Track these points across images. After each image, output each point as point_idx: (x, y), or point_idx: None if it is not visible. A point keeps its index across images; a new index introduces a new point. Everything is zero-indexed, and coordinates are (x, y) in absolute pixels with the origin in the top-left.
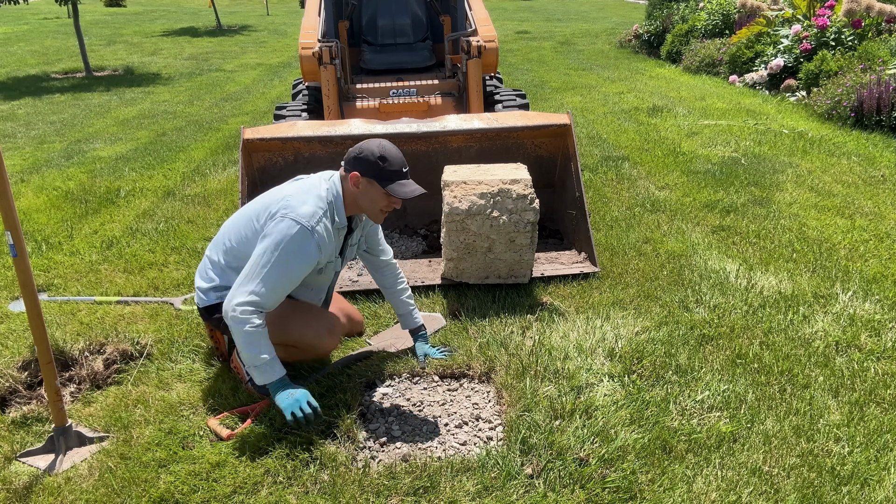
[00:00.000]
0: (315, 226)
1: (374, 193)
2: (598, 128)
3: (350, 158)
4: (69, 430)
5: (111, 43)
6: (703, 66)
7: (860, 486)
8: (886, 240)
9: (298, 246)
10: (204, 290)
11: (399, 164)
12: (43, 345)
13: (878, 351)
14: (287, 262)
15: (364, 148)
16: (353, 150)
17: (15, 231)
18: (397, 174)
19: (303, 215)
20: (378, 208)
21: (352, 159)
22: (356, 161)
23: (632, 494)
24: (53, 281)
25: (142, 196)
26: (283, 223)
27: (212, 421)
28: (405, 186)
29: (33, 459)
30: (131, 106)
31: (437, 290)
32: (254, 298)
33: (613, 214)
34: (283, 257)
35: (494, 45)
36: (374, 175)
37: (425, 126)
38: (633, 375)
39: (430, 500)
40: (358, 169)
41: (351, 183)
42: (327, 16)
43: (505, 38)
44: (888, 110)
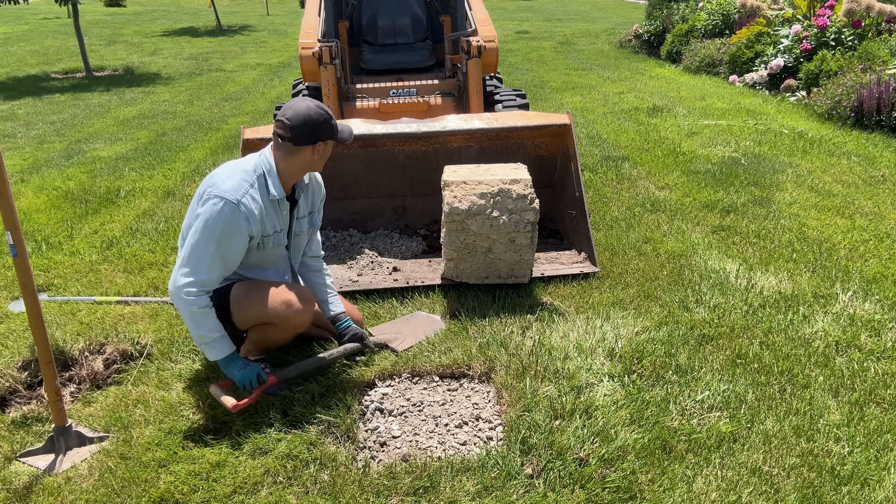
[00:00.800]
0: (240, 199)
1: (328, 149)
2: (598, 128)
3: (304, 132)
4: (69, 430)
5: (111, 43)
6: (703, 66)
7: (860, 486)
8: (886, 240)
9: (226, 221)
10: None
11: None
12: (43, 345)
13: (878, 351)
14: (218, 239)
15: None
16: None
17: (15, 231)
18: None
19: (226, 191)
20: (324, 161)
21: (308, 132)
22: (315, 131)
23: (632, 494)
24: (53, 281)
25: (142, 196)
26: (209, 203)
27: (214, 388)
28: (344, 129)
29: (33, 459)
30: (131, 106)
31: (437, 290)
32: (193, 279)
33: (613, 214)
34: (213, 235)
35: (494, 45)
36: (330, 134)
37: (425, 126)
38: (633, 375)
39: (430, 500)
40: (321, 138)
41: (314, 154)
42: (327, 16)
43: (505, 38)
44: (888, 110)
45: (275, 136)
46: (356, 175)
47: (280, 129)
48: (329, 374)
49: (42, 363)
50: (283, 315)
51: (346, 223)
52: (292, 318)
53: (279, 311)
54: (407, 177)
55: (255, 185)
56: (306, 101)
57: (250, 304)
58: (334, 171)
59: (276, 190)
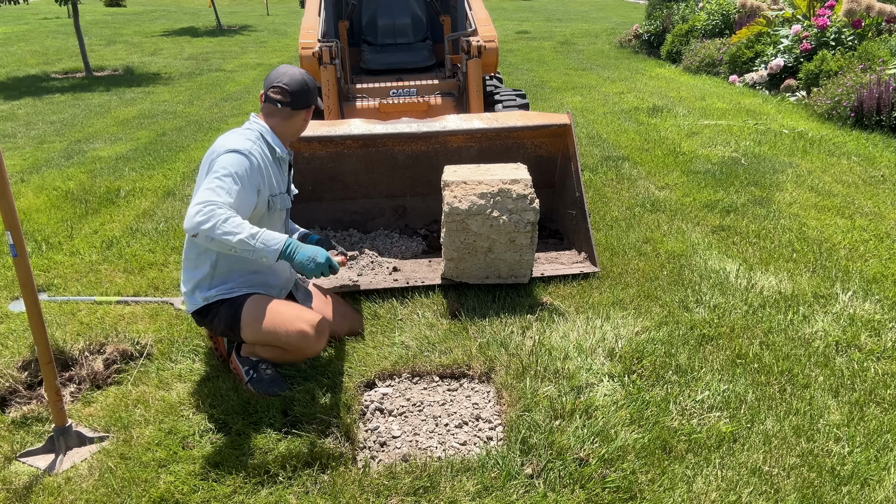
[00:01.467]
0: (251, 150)
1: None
2: (598, 128)
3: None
4: (69, 430)
5: (111, 43)
6: (703, 66)
7: (860, 486)
8: (886, 240)
9: (242, 165)
10: (188, 293)
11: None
12: (43, 345)
13: (878, 351)
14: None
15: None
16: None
17: (15, 231)
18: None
19: (235, 144)
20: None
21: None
22: (310, 95)
23: (632, 494)
24: (53, 281)
25: (142, 196)
26: (221, 157)
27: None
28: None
29: (33, 459)
30: (131, 106)
31: (437, 290)
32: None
33: (613, 214)
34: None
35: (494, 45)
36: (315, 99)
37: (425, 126)
38: (633, 375)
39: (430, 500)
40: (311, 102)
41: (307, 117)
42: (327, 16)
43: (505, 38)
44: (888, 110)
45: (270, 101)
46: (356, 175)
47: (278, 94)
48: (329, 373)
49: (42, 363)
50: (296, 345)
51: (346, 223)
52: (306, 349)
53: (293, 341)
54: (407, 177)
55: (260, 143)
56: (294, 67)
57: (263, 326)
58: (334, 171)
59: (280, 148)
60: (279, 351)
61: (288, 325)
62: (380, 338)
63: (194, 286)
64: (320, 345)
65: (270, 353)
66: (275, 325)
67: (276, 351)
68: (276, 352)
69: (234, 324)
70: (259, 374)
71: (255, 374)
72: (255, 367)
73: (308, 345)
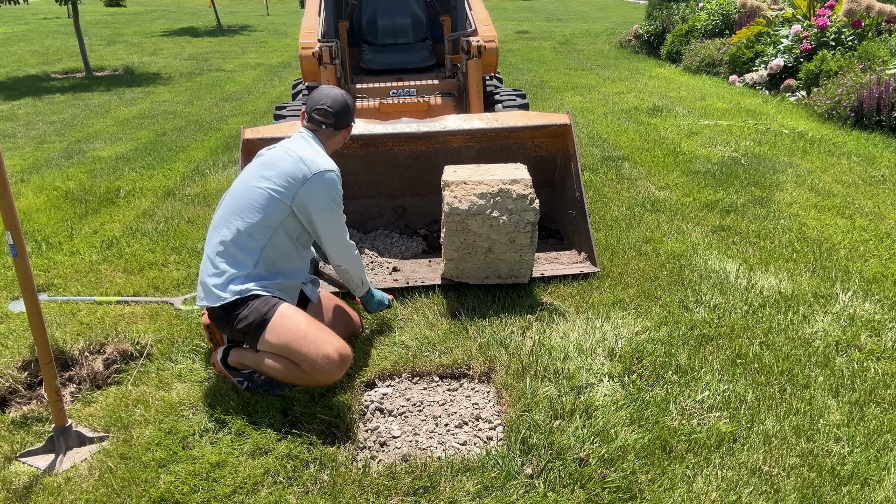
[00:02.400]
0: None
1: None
2: (598, 128)
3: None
4: (69, 430)
5: (111, 43)
6: (703, 66)
7: (860, 486)
8: (886, 240)
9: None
10: (219, 285)
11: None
12: (43, 345)
13: (878, 351)
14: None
15: (343, 100)
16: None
17: (15, 231)
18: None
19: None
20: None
21: (345, 116)
22: (350, 114)
23: (632, 494)
24: (53, 281)
25: (142, 196)
26: (323, 178)
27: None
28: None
29: (33, 459)
30: (131, 106)
31: (437, 290)
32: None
33: (613, 214)
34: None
35: (494, 45)
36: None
37: (425, 126)
38: (633, 375)
39: (430, 500)
40: (353, 119)
41: (347, 135)
42: (327, 16)
43: (505, 38)
44: (888, 110)
45: (314, 122)
46: (356, 175)
47: (322, 115)
48: None
49: (42, 363)
50: (318, 365)
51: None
52: (326, 373)
53: (316, 361)
54: (407, 177)
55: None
56: (335, 88)
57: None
58: None
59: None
60: (292, 369)
61: (316, 344)
62: (380, 338)
63: (228, 279)
64: (339, 373)
65: (280, 371)
66: (301, 341)
67: (288, 369)
68: (288, 370)
69: (262, 324)
70: (254, 383)
71: (250, 384)
72: (249, 378)
73: (330, 369)
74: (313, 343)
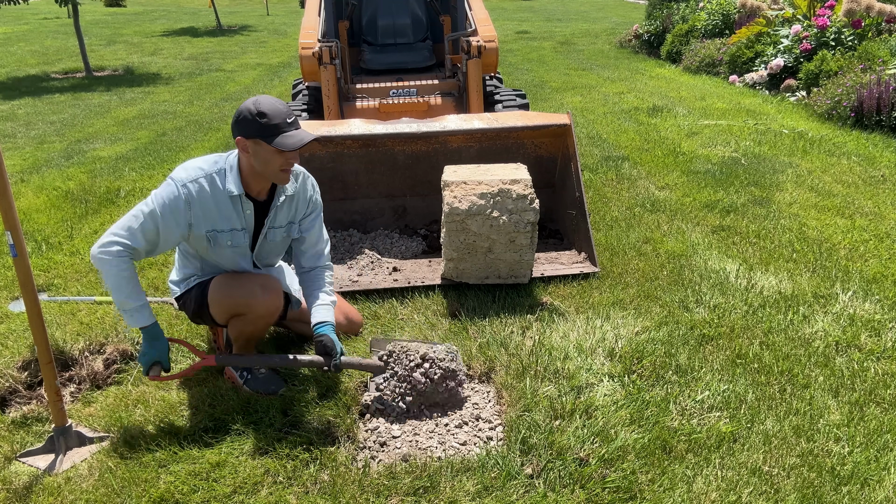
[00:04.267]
0: (187, 183)
1: (265, 153)
2: (598, 128)
3: (232, 125)
4: (69, 430)
5: (111, 43)
6: (703, 66)
7: (860, 486)
8: (886, 240)
9: (167, 197)
10: (173, 282)
11: (281, 116)
12: (43, 345)
13: (878, 351)
14: (154, 209)
15: (241, 109)
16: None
17: (15, 231)
18: (281, 126)
19: (177, 176)
20: (276, 168)
21: (233, 125)
22: (236, 125)
23: (632, 494)
24: (53, 281)
25: (142, 196)
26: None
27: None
28: (291, 137)
29: (33, 459)
30: (131, 106)
31: (437, 290)
32: (116, 238)
33: (613, 214)
34: (151, 205)
35: (494, 45)
36: (258, 134)
37: (425, 126)
38: (633, 375)
39: (430, 500)
40: (241, 133)
41: (240, 149)
42: (327, 16)
43: (505, 38)
44: (888, 110)
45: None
46: (356, 175)
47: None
48: (329, 374)
49: (42, 363)
50: (247, 304)
51: (346, 223)
52: (257, 306)
53: (241, 301)
54: (407, 177)
55: (211, 176)
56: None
57: (219, 295)
58: (334, 171)
59: (232, 185)
60: (241, 321)
61: (237, 287)
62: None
63: (181, 279)
64: (271, 303)
65: (238, 328)
66: (228, 290)
67: (240, 322)
68: (241, 323)
69: (202, 300)
70: (253, 375)
71: (250, 375)
72: (249, 369)
73: (258, 302)
74: (239, 289)
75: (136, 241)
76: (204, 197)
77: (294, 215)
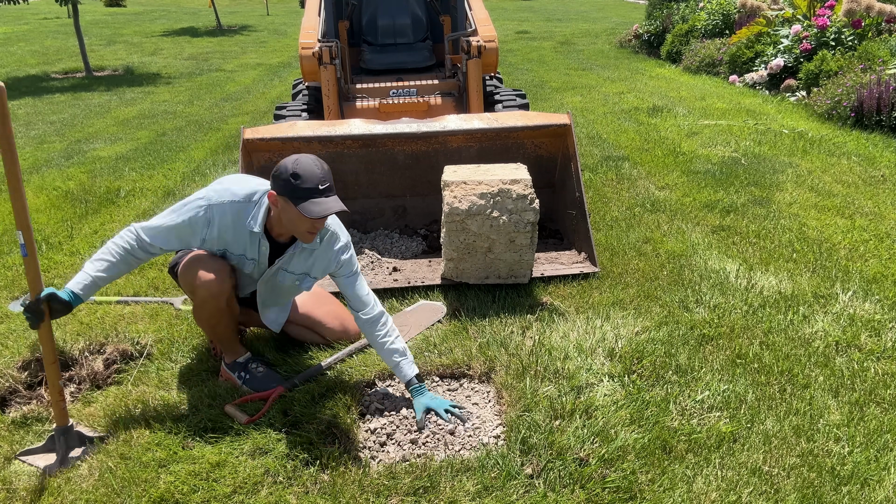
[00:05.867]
0: (213, 205)
1: (292, 213)
2: (598, 128)
3: (271, 176)
4: (70, 431)
5: (111, 43)
6: (703, 66)
7: (860, 486)
8: (886, 240)
9: (192, 209)
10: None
11: (315, 181)
12: (48, 344)
13: (878, 351)
14: (178, 216)
15: (279, 165)
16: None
17: (26, 231)
18: (312, 192)
19: (211, 196)
20: (302, 229)
21: (271, 177)
22: (273, 179)
23: (632, 494)
24: (53, 281)
25: (142, 196)
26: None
27: (229, 407)
28: (318, 205)
29: (33, 458)
30: (131, 106)
31: (437, 290)
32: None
33: (613, 214)
34: (178, 210)
35: (494, 45)
36: (288, 193)
37: (425, 126)
38: (633, 375)
39: (430, 500)
40: (274, 187)
41: (270, 202)
42: (327, 16)
43: (505, 38)
44: (888, 110)
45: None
46: (356, 175)
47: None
48: (329, 373)
49: (47, 363)
50: (192, 287)
51: (347, 223)
52: (199, 289)
53: (190, 282)
54: (407, 177)
55: (240, 205)
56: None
57: (181, 269)
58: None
59: (255, 223)
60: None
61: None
62: None
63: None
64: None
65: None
66: (186, 269)
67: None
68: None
69: (175, 265)
70: (251, 374)
71: (248, 375)
72: (245, 368)
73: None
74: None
75: (151, 238)
76: (224, 223)
77: (311, 268)
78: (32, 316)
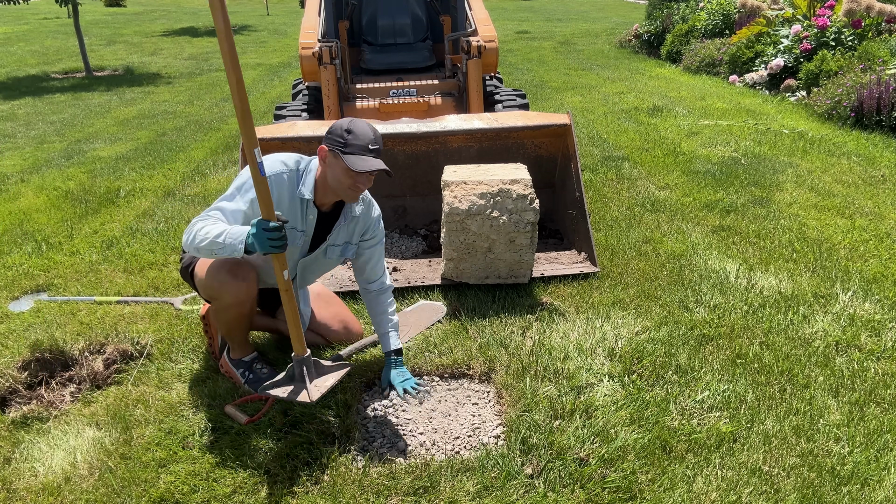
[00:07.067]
0: (272, 175)
1: (338, 168)
2: (598, 128)
3: (325, 133)
4: (308, 360)
5: (111, 43)
6: (703, 66)
7: (860, 486)
8: (886, 240)
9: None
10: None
11: (366, 140)
12: (283, 269)
13: (878, 351)
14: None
15: (335, 123)
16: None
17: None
18: (360, 148)
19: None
20: (345, 185)
21: (325, 134)
22: (326, 136)
23: (632, 494)
24: (53, 281)
25: (142, 196)
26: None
27: (229, 407)
28: (365, 161)
29: (276, 391)
30: (131, 106)
31: (437, 290)
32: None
33: (613, 214)
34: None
35: (494, 45)
36: (339, 147)
37: (425, 126)
38: (633, 375)
39: (430, 500)
40: (326, 143)
41: (319, 158)
42: (327, 16)
43: (505, 38)
44: (888, 110)
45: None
46: None
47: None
48: None
49: (281, 290)
50: (217, 290)
51: None
52: (224, 294)
53: (214, 285)
54: (407, 177)
55: (292, 173)
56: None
57: (200, 272)
58: None
59: (305, 189)
60: (215, 309)
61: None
62: None
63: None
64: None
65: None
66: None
67: (214, 309)
68: (214, 310)
69: (189, 266)
70: (255, 374)
71: (251, 375)
72: (250, 368)
73: (224, 288)
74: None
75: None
76: (282, 193)
77: (352, 236)
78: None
